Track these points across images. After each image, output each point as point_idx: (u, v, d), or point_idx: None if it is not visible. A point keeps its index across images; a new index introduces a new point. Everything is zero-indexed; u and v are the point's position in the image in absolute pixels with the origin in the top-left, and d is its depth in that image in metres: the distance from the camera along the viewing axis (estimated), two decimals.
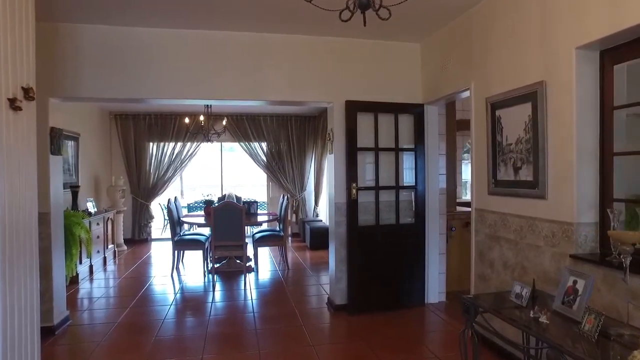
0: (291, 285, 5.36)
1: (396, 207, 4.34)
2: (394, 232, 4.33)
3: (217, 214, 5.32)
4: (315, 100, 4.23)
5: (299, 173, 9.19)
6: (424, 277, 4.44)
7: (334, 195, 4.27)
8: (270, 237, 6.23)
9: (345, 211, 4.23)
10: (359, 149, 4.21)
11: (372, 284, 4.24)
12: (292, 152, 9.12)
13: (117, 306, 4.50)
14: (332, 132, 4.29)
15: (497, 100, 3.15)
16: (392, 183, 4.35)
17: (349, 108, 4.15)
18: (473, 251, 3.54)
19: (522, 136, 2.92)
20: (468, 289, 5.01)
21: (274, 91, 4.11)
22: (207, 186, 19.96)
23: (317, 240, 7.79)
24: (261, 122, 8.96)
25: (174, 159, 8.66)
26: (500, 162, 3.17)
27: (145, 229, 8.63)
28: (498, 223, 3.21)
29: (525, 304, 2.15)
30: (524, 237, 2.92)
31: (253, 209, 6.66)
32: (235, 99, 4.07)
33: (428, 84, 4.32)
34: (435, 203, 4.47)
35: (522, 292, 2.19)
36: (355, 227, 4.19)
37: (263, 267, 6.35)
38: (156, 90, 3.89)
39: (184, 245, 5.90)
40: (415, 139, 4.40)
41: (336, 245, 4.27)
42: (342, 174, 4.23)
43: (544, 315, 1.89)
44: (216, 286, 5.31)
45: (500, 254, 3.18)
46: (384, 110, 4.26)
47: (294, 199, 9.13)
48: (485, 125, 3.31)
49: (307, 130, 9.18)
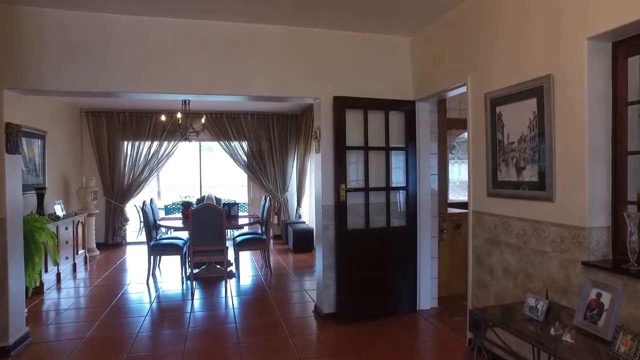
0: (275, 292, 5.09)
1: (387, 210, 4.12)
2: (385, 235, 4.11)
3: (196, 217, 5.00)
4: (301, 95, 3.97)
5: (280, 173, 8.91)
6: (415, 282, 4.24)
7: (321, 197, 4.02)
8: (252, 241, 5.93)
9: (334, 214, 3.98)
10: (348, 147, 3.97)
11: (362, 291, 4.01)
12: (274, 152, 8.83)
13: (87, 319, 4.13)
14: (319, 129, 4.04)
15: (498, 96, 2.96)
16: (383, 184, 4.13)
17: (337, 104, 3.90)
18: (470, 256, 3.35)
19: (526, 134, 2.73)
20: (460, 293, 4.86)
21: (256, 86, 3.82)
22: (185, 187, 19.45)
23: (301, 242, 7.54)
24: (241, 120, 8.64)
25: (150, 159, 8.26)
26: (501, 162, 2.97)
27: (120, 232, 8.19)
28: (498, 226, 3.01)
29: (542, 318, 1.94)
30: (527, 241, 2.73)
31: (234, 211, 6.35)
32: (215, 93, 3.76)
33: (419, 80, 4.11)
34: (427, 205, 4.27)
35: (537, 305, 1.99)
36: (344, 231, 3.95)
37: (245, 272, 6.05)
38: (128, 84, 3.55)
39: (160, 251, 5.55)
40: (406, 138, 4.19)
41: (324, 251, 4.02)
42: (329, 175, 3.99)
43: (567, 333, 1.69)
44: (195, 294, 4.99)
45: (501, 260, 2.99)
46: (374, 107, 4.03)
47: (275, 200, 8.84)
48: (484, 122, 3.12)
49: (289, 129, 8.91)
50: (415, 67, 4.16)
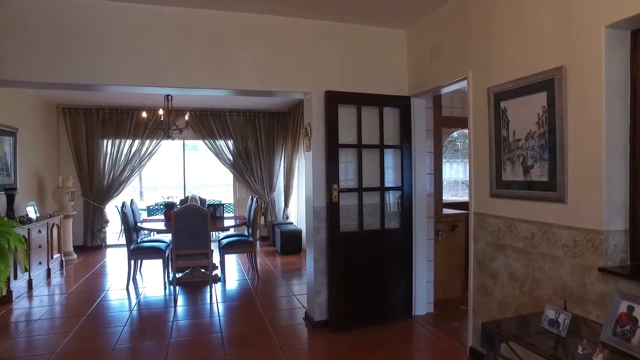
0: (263, 297, 4.84)
1: (381, 211, 3.92)
2: (379, 238, 3.90)
3: (179, 219, 4.72)
4: (291, 90, 3.73)
5: (267, 173, 8.65)
6: (411, 287, 4.05)
7: (312, 198, 3.79)
8: (239, 244, 5.68)
9: (325, 215, 3.76)
10: (341, 145, 3.75)
11: (356, 297, 3.80)
12: (260, 151, 8.57)
13: (59, 330, 3.83)
14: (309, 126, 3.82)
15: (502, 91, 2.78)
16: (377, 184, 3.92)
17: (329, 99, 3.68)
18: (471, 260, 3.16)
19: (534, 130, 2.55)
20: (456, 297, 4.70)
21: (244, 79, 3.58)
22: (169, 187, 19.02)
23: (288, 244, 7.30)
24: (227, 118, 8.36)
25: (132, 158, 7.91)
26: (505, 160, 2.79)
27: (99, 234, 7.83)
28: (503, 229, 2.83)
29: (565, 334, 1.76)
30: (536, 245, 2.56)
31: (219, 212, 6.08)
32: (199, 87, 3.50)
33: (415, 75, 3.92)
34: (422, 205, 4.08)
35: (559, 319, 1.80)
36: (336, 234, 3.73)
37: (231, 276, 5.79)
38: (105, 76, 3.27)
39: (141, 254, 5.25)
40: (401, 136, 3.99)
41: (315, 255, 3.79)
42: (321, 174, 3.76)
43: (598, 353, 1.50)
44: (178, 300, 4.72)
45: (506, 265, 2.81)
46: (367, 102, 3.82)
47: (262, 200, 8.58)
48: (487, 118, 2.94)
49: (276, 127, 8.66)
50: (412, 61, 3.97)
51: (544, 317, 1.90)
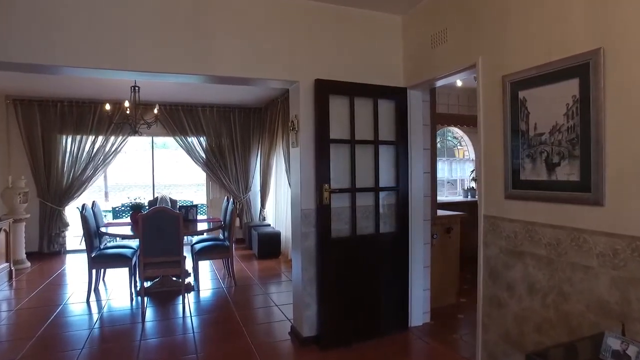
0: (241, 308, 4.39)
1: (375, 213, 3.56)
2: (374, 243, 3.55)
3: (147, 224, 4.21)
4: (277, 78, 3.31)
5: (243, 171, 8.17)
6: (407, 296, 3.71)
7: (300, 200, 3.39)
8: (214, 249, 5.20)
9: (315, 219, 3.37)
10: (332, 141, 3.36)
11: (349, 309, 3.43)
12: (235, 148, 8.09)
13: (1, 357, 3.28)
14: (296, 119, 3.41)
15: (521, 79, 2.46)
16: (371, 184, 3.56)
17: (319, 89, 3.29)
18: (481, 269, 2.84)
19: (561, 123, 2.24)
20: (451, 303, 4.40)
21: (222, 65, 3.13)
22: (137, 187, 18.13)
23: (266, 248, 6.87)
24: (199, 113, 7.83)
25: (95, 155, 7.26)
26: (524, 157, 2.48)
27: (58, 239, 7.15)
28: (520, 234, 2.52)
29: None
30: (562, 253, 2.25)
31: (192, 214, 5.58)
32: (170, 72, 3.03)
33: (413, 65, 3.58)
34: (419, 207, 3.75)
35: (627, 351, 1.48)
36: (327, 240, 3.34)
37: (205, 284, 5.31)
38: (57, 55, 2.75)
39: (104, 262, 4.69)
40: (397, 131, 3.64)
41: (303, 263, 3.40)
42: (310, 173, 3.37)
43: None
44: (147, 313, 4.21)
45: (524, 274, 2.50)
46: (361, 93, 3.45)
47: (237, 200, 8.09)
48: (502, 111, 2.61)
49: (252, 123, 8.20)
50: (408, 49, 3.62)
51: (605, 345, 1.57)
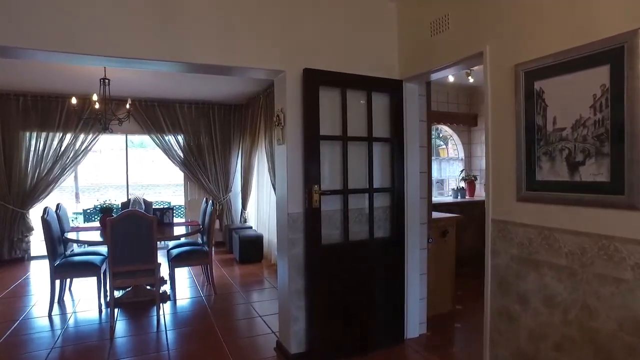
0: (222, 320, 4.04)
1: (369, 217, 3.27)
2: (367, 249, 3.25)
3: (116, 229, 3.82)
4: (261, 66, 2.97)
5: (223, 171, 7.79)
6: (403, 305, 3.43)
7: (286, 203, 3.06)
8: (192, 254, 4.82)
9: (303, 224, 3.05)
10: (322, 137, 3.05)
11: (341, 322, 3.12)
12: (215, 147, 7.70)
13: None
14: (282, 113, 3.09)
15: (537, 68, 2.20)
16: (364, 184, 3.27)
17: (308, 79, 2.97)
18: (489, 278, 2.58)
19: (586, 116, 1.98)
20: (447, 311, 4.15)
21: (199, 51, 2.78)
22: (112, 187, 17.41)
23: (248, 252, 6.51)
24: (177, 109, 7.41)
25: (62, 154, 6.76)
26: (541, 155, 2.22)
27: (20, 244, 6.61)
28: (536, 241, 2.26)
29: None
30: (588, 264, 1.99)
31: (167, 217, 5.18)
32: (139, 58, 2.65)
33: (409, 55, 3.29)
34: (415, 209, 3.47)
35: None
36: (317, 247, 3.03)
37: (182, 293, 4.92)
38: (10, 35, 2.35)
39: (69, 272, 4.26)
40: (392, 127, 3.36)
41: (290, 273, 3.07)
42: (297, 173, 3.05)
43: None
44: (117, 327, 3.82)
45: (540, 286, 2.24)
46: (354, 85, 3.15)
47: (217, 202, 7.71)
48: (513, 103, 2.35)
49: (233, 120, 7.82)
50: (404, 38, 3.34)
51: None
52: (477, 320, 3.91)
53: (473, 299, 4.53)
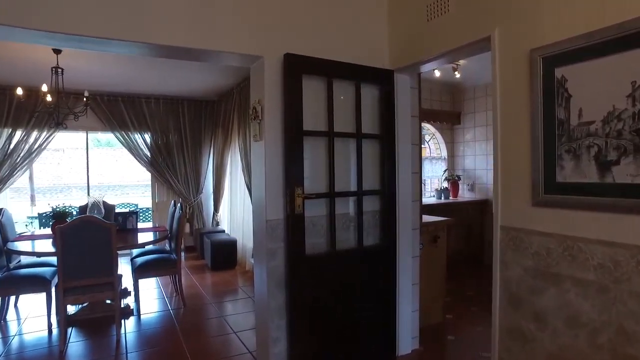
0: (193, 338, 3.61)
1: (358, 223, 2.92)
2: (356, 259, 2.90)
3: (68, 238, 3.33)
4: (235, 50, 2.57)
5: (193, 171, 7.30)
6: (394, 319, 3.10)
7: (265, 208, 2.68)
8: (158, 264, 4.36)
9: (284, 232, 2.68)
10: (306, 133, 2.68)
11: (327, 341, 2.76)
12: (185, 145, 7.20)
13: None
14: (259, 105, 2.70)
15: (559, 52, 1.90)
16: (353, 186, 2.92)
17: (290, 66, 2.59)
18: (498, 293, 2.27)
19: (622, 108, 1.69)
20: (437, 322, 3.86)
21: (164, 30, 2.36)
22: (76, 189, 16.46)
23: (221, 258, 6.07)
24: (143, 105, 6.86)
25: (12, 152, 6.11)
26: (563, 153, 1.92)
27: None
28: (555, 252, 1.96)
29: None
30: (623, 279, 1.71)
31: (131, 223, 4.69)
32: (93, 35, 2.20)
33: (401, 42, 2.97)
34: (407, 214, 3.15)
35: None
36: (300, 258, 2.66)
37: (148, 306, 4.44)
38: None
39: (12, 287, 3.71)
40: (382, 122, 3.02)
41: (269, 287, 2.69)
42: (277, 173, 2.67)
43: None
44: (68, 350, 3.33)
45: (562, 303, 1.95)
46: (341, 74, 2.80)
47: (187, 204, 7.21)
48: (529, 94, 2.05)
49: (204, 117, 7.34)
50: (396, 23, 3.01)
51: None
52: (470, 332, 3.64)
53: (463, 306, 4.26)
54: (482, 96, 6.13)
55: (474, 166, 6.32)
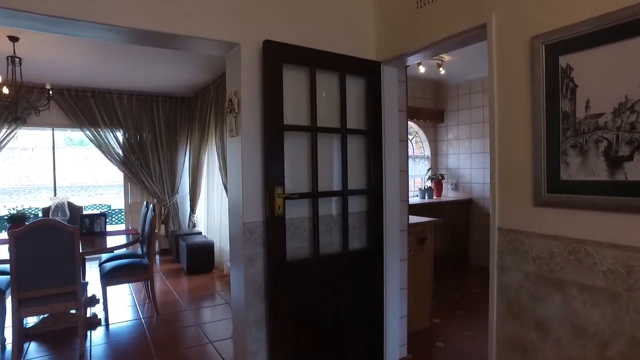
0: (165, 350, 3.34)
1: (343, 225, 2.72)
2: (341, 264, 2.71)
3: (24, 244, 3.02)
4: (209, 36, 2.33)
5: (168, 171, 6.98)
6: (382, 327, 2.91)
7: (241, 210, 2.45)
8: (128, 269, 4.07)
9: (264, 236, 2.46)
10: (287, 127, 2.47)
11: (311, 352, 2.56)
12: (160, 144, 6.88)
13: None
14: (235, 97, 2.47)
15: (564, 39, 1.74)
16: (337, 186, 2.72)
17: (269, 54, 2.37)
18: (495, 300, 2.11)
19: (634, 98, 1.54)
20: (424, 328, 3.70)
21: (126, 9, 2.10)
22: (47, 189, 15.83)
23: (197, 261, 5.80)
24: (114, 101, 6.51)
25: None
26: (568, 148, 1.76)
27: None
28: (560, 256, 1.81)
29: None
30: (637, 286, 1.56)
31: (99, 226, 4.38)
32: (43, 14, 1.94)
33: (388, 32, 2.78)
34: (395, 215, 2.97)
35: None
36: (281, 264, 2.44)
37: (118, 314, 4.14)
38: None
39: None
40: (368, 117, 2.83)
41: (247, 297, 2.46)
42: (256, 172, 2.45)
43: None
44: None
45: (567, 311, 1.79)
46: (325, 64, 2.59)
47: (162, 205, 6.90)
48: (529, 84, 1.89)
49: (180, 114, 7.04)
50: (383, 11, 2.82)
51: None
52: (459, 337, 3.49)
53: (449, 309, 4.12)
54: (465, 94, 6.03)
55: (458, 165, 6.22)
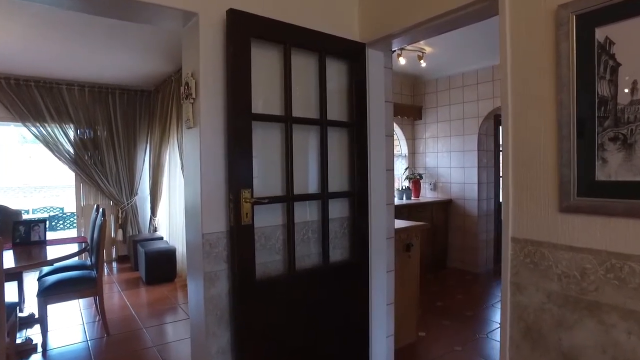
0: None
1: (323, 234, 2.32)
2: (321, 280, 2.30)
3: None
4: (161, 1, 1.88)
5: (127, 170, 6.38)
6: (367, 349, 2.53)
7: (200, 218, 2.00)
8: (73, 283, 3.52)
9: (228, 250, 2.02)
10: (256, 117, 2.04)
11: None
12: (117, 141, 6.27)
13: None
14: (193, 79, 2.02)
15: (601, 7, 1.40)
16: (316, 187, 2.31)
17: (235, 27, 1.93)
18: (508, 323, 1.76)
19: None
20: (409, 343, 3.34)
21: None
22: None
23: (157, 269, 5.25)
24: (64, 93, 5.85)
25: None
26: (606, 141, 1.43)
27: None
28: (594, 274, 1.47)
29: None
30: None
31: (37, 234, 3.78)
32: None
33: (375, 9, 2.40)
34: (381, 220, 2.59)
35: None
36: (249, 284, 2.01)
37: (60, 337, 3.58)
38: None
39: None
40: (351, 108, 2.44)
41: (207, 324, 2.02)
42: (217, 171, 2.01)
43: None
44: None
45: (603, 342, 1.45)
46: (301, 42, 2.18)
47: (119, 208, 6.29)
48: (555, 64, 1.54)
49: (139, 109, 6.44)
50: None
51: None
52: (450, 353, 3.15)
53: (434, 319, 3.81)
54: (444, 89, 5.76)
55: (437, 164, 5.94)
